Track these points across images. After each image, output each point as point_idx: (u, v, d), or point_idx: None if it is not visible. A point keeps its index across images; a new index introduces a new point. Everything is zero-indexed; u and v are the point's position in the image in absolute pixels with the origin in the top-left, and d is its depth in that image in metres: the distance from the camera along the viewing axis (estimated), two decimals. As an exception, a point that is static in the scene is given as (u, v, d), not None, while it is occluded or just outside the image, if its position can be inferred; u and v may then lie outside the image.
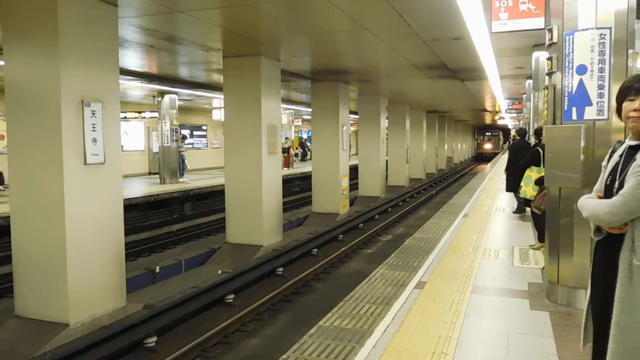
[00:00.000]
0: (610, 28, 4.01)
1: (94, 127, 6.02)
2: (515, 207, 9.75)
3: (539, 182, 6.42)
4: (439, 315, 4.22)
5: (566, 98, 4.18)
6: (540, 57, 9.42)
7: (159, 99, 16.46)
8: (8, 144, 6.18)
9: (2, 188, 13.68)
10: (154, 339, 6.07)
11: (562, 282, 4.44)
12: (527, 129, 11.98)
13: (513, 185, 8.93)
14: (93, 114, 6.01)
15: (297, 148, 31.45)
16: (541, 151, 6.52)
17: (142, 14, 7.06)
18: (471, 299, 4.65)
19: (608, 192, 2.39)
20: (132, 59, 10.58)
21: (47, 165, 5.81)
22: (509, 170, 9.79)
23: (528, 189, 6.82)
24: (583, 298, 4.29)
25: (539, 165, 6.65)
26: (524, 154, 7.59)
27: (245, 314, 7.01)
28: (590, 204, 2.39)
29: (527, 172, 6.93)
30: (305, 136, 35.65)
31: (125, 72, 11.74)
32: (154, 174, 19.89)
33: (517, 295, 4.78)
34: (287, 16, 7.45)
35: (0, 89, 7.88)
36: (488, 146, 50.51)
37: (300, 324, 6.74)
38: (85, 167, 5.96)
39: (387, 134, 20.60)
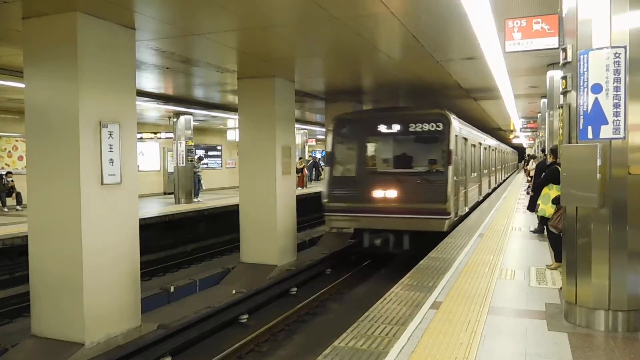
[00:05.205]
0: (625, 47, 4.00)
1: (111, 148, 6.11)
2: (536, 227, 9.60)
3: (557, 200, 6.34)
4: (455, 336, 4.16)
5: (581, 117, 4.16)
6: (555, 76, 9.39)
7: (175, 119, 16.70)
8: (27, 164, 6.30)
9: (20, 208, 13.86)
10: (169, 359, 6.07)
11: (580, 303, 4.36)
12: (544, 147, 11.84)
13: (533, 204, 8.79)
14: (110, 135, 6.11)
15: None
16: (560, 169, 6.44)
17: (159, 37, 7.20)
18: (488, 319, 4.58)
19: None
20: (148, 80, 10.76)
21: (65, 185, 5.89)
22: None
23: (547, 207, 6.72)
24: (602, 319, 4.24)
25: (558, 183, 6.56)
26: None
27: (259, 334, 6.98)
28: None
29: (545, 190, 6.84)
30: (319, 156, 35.56)
31: (141, 93, 11.92)
32: (169, 193, 20.05)
33: (534, 316, 4.70)
34: (302, 39, 7.54)
35: (20, 111, 8.02)
36: (387, 195, 10.37)
37: (314, 344, 6.68)
38: (102, 187, 6.04)
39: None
